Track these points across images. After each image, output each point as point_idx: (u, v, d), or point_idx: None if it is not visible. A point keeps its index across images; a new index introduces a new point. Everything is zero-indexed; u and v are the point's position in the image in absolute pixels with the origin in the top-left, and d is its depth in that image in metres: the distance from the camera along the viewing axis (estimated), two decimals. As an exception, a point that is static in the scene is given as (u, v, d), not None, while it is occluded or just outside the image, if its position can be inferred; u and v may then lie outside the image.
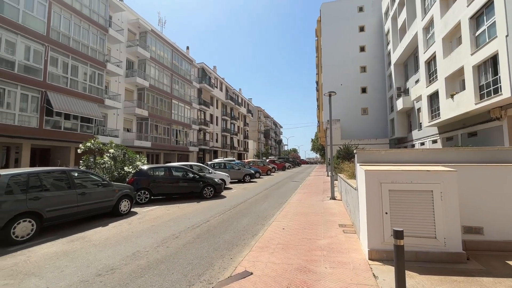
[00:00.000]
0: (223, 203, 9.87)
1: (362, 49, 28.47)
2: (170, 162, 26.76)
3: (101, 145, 11.80)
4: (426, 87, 16.19)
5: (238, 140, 49.88)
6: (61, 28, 15.72)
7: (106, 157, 11.00)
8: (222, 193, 11.96)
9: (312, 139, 77.10)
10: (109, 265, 4.15)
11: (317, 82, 35.87)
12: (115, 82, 20.74)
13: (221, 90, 42.29)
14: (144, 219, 7.37)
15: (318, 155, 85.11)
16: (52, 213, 5.78)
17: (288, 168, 34.88)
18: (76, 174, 6.85)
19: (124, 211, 7.74)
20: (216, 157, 37.82)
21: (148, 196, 9.88)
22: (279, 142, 79.88)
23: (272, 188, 14.43)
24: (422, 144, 18.52)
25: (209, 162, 20.17)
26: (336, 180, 12.54)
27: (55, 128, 15.23)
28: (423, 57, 16.65)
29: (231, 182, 15.82)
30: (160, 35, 26.10)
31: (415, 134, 19.79)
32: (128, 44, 22.10)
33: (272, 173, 26.15)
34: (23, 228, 5.23)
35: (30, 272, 3.95)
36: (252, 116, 60.30)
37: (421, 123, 18.40)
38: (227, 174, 15.11)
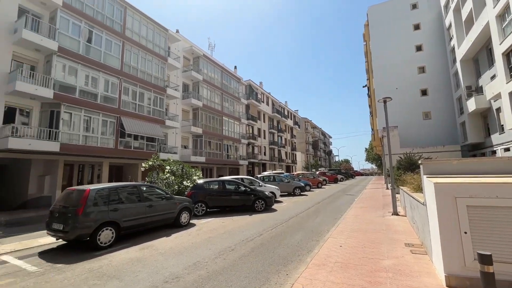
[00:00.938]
0: (274, 216, 9.84)
1: (419, 48, 25.99)
2: (222, 175, 28.05)
3: (161, 162, 13.11)
4: (507, 83, 13.78)
5: (285, 153, 49.66)
6: (131, 62, 18.42)
7: (167, 172, 12.16)
8: (273, 206, 11.94)
9: (366, 148, 71.93)
10: (174, 273, 4.50)
11: (368, 88, 33.85)
12: (174, 104, 23.08)
13: (267, 104, 43.22)
14: (201, 230, 7.82)
15: (374, 166, 78.68)
16: (127, 223, 6.60)
17: (340, 181, 33.04)
18: (144, 188, 7.72)
19: (184, 223, 8.35)
20: (264, 170, 38.22)
21: (205, 208, 10.49)
22: (329, 153, 76.66)
23: (324, 202, 13.83)
24: (507, 150, 15.57)
25: (258, 175, 20.49)
26: (398, 193, 11.38)
27: (127, 148, 17.55)
28: (499, 49, 14.33)
29: (281, 195, 15.71)
30: (211, 58, 28.35)
31: (496, 138, 16.78)
32: (183, 69, 24.56)
33: (323, 186, 25.10)
34: (106, 235, 6.09)
35: (112, 274, 4.54)
36: (299, 127, 59.67)
37: (503, 125, 15.59)
38: (276, 187, 15.08)
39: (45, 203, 14.35)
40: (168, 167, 12.56)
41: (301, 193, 18.11)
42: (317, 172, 32.83)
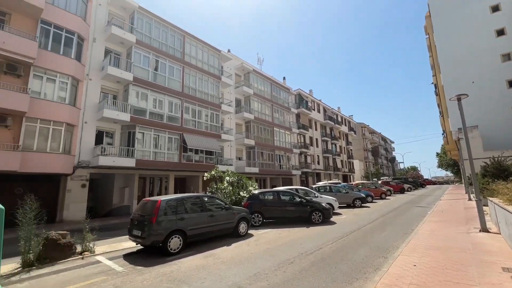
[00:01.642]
0: (334, 229, 9.33)
1: (501, 32, 22.02)
2: (276, 186, 28.09)
3: (220, 173, 13.89)
4: None
5: (341, 161, 47.03)
6: (190, 83, 20.40)
7: (226, 183, 12.79)
8: (331, 219, 11.35)
9: (437, 153, 62.85)
10: (237, 283, 4.63)
11: (435, 85, 29.89)
12: (228, 119, 24.46)
13: (318, 111, 42.11)
14: (259, 241, 7.91)
15: (449, 173, 67.99)
16: (192, 231, 7.13)
17: (408, 191, 29.49)
18: (206, 199, 8.27)
19: (242, 233, 8.59)
20: (318, 180, 36.81)
21: (261, 219, 10.63)
22: (392, 160, 69.59)
23: (390, 215, 12.50)
24: None
25: (313, 186, 19.84)
26: (486, 205, 9.59)
27: (189, 161, 19.19)
28: None
29: (339, 207, 14.84)
30: (260, 72, 29.38)
31: None
32: (235, 85, 25.98)
33: (387, 197, 22.79)
34: (175, 242, 6.69)
35: (181, 279, 4.94)
36: (354, 133, 56.09)
37: None
38: (334, 198, 14.32)
39: (125, 211, 16.63)
40: (227, 178, 13.23)
41: (362, 204, 16.78)
42: (379, 182, 30.03)
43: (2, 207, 4.53)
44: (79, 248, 6.89)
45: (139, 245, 7.12)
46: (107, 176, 16.97)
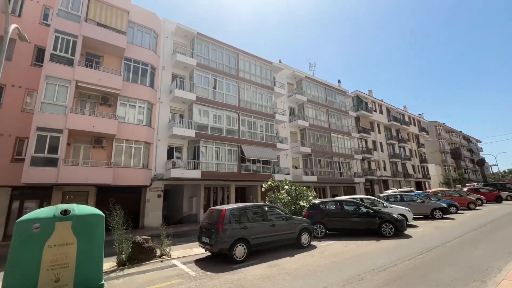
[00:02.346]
0: (409, 244, 8.26)
1: None
2: (337, 195, 26.61)
3: (277, 183, 13.92)
4: None
5: (412, 166, 41.67)
6: (245, 97, 21.38)
7: (284, 193, 12.74)
8: (405, 232, 10.08)
9: (546, 152, 49.82)
10: (303, 296, 4.51)
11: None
12: (282, 128, 24.59)
13: (381, 112, 38.65)
14: (324, 254, 7.56)
15: None
16: (255, 240, 7.30)
17: (507, 199, 24.13)
18: (266, 209, 8.39)
19: (305, 244, 8.36)
20: (386, 188, 33.32)
21: (324, 230, 10.17)
22: (481, 162, 58.28)
23: (484, 229, 10.41)
24: None
25: (380, 194, 18.06)
26: None
27: (247, 171, 19.88)
28: None
29: (413, 218, 13.09)
30: (313, 78, 28.85)
31: None
32: (288, 94, 26.08)
33: (477, 207, 19.08)
34: (239, 251, 6.94)
35: (248, 288, 5.07)
36: (427, 134, 49.27)
37: None
38: (407, 209, 12.72)
39: (194, 219, 18.10)
40: (286, 187, 13.19)
41: (444, 216, 14.44)
42: (464, 189, 25.44)
43: (103, 214, 5.51)
44: (158, 252, 7.78)
45: (207, 251, 7.63)
46: (177, 187, 18.87)
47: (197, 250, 8.32)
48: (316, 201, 11.39)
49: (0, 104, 13.05)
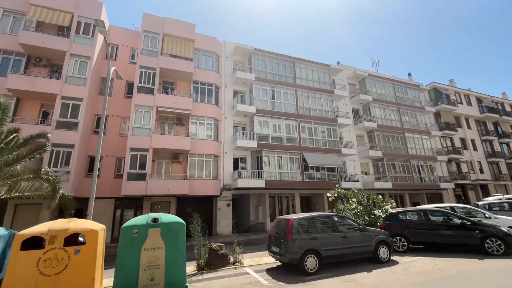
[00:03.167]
0: (530, 266, 6.51)
1: None
2: (419, 203, 23.24)
3: (345, 192, 12.98)
4: None
5: (523, 166, 33.11)
6: (304, 104, 21.13)
7: (354, 202, 11.82)
8: (522, 250, 8.00)
9: None
10: (388, 318, 4.03)
11: None
12: (346, 132, 23.17)
13: (469, 104, 32.47)
14: (409, 271, 6.64)
15: None
16: (326, 252, 6.97)
17: None
18: (336, 219, 7.94)
19: (384, 258, 7.53)
20: (485, 195, 27.30)
21: (406, 244, 8.96)
22: None
23: None
24: None
25: (479, 203, 14.91)
26: None
27: (311, 179, 19.33)
28: None
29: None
30: (377, 75, 26.52)
31: None
32: (351, 95, 24.57)
33: None
34: (310, 262, 6.73)
35: (323, 302, 4.83)
36: (542, 125, 38.66)
37: None
38: (521, 220, 10.12)
39: (261, 228, 18.48)
40: (354, 196, 12.26)
41: None
42: None
43: (184, 222, 6.19)
44: (231, 259, 8.20)
45: (278, 261, 7.64)
46: (244, 196, 19.70)
47: (268, 259, 8.43)
48: (394, 210, 10.18)
49: (105, 131, 16.27)
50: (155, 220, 5.79)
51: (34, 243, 4.92)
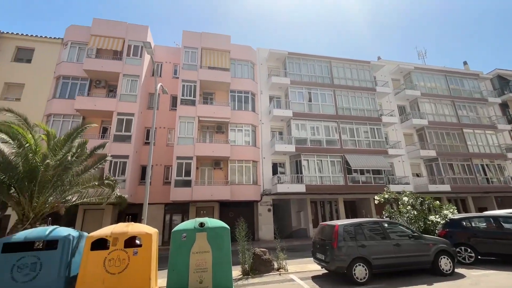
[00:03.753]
0: None
1: None
2: (486, 208, 20.31)
3: (394, 195, 11.96)
4: None
5: None
6: (343, 104, 20.27)
7: (406, 206, 10.84)
8: None
9: None
10: None
11: None
12: (392, 131, 21.51)
13: (545, 91, 27.51)
14: (480, 286, 5.81)
15: None
16: (376, 261, 6.48)
17: None
18: (386, 225, 7.36)
19: (446, 271, 6.72)
20: None
21: (473, 255, 7.87)
22: None
23: None
24: None
25: None
26: None
27: (355, 183, 18.29)
28: None
29: None
30: (425, 67, 24.24)
31: None
32: (395, 92, 22.84)
33: None
34: (359, 271, 6.33)
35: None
36: None
37: None
38: None
39: (303, 234, 18.04)
40: (405, 199, 11.24)
41: None
42: None
43: (228, 227, 6.37)
44: (275, 265, 8.14)
45: (323, 268, 7.35)
46: (284, 201, 19.52)
47: (313, 266, 8.17)
48: (456, 217, 9.06)
49: (154, 142, 17.72)
50: (201, 224, 6.07)
51: (100, 244, 5.55)
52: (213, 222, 6.30)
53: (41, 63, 16.61)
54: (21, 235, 5.60)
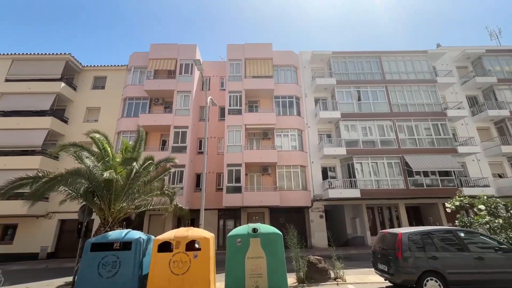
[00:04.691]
0: None
1: None
2: None
3: (469, 200, 10.27)
4: None
5: None
6: (398, 100, 18.54)
7: (484, 217, 9.19)
8: None
9: None
10: None
11: None
12: (461, 126, 18.76)
13: None
14: None
15: None
16: (453, 276, 5.66)
17: None
18: (463, 235, 6.39)
19: (551, 293, 5.48)
20: None
21: None
22: None
23: None
24: None
25: None
26: None
27: (418, 187, 16.38)
28: None
29: None
30: (499, 49, 20.69)
31: None
32: (461, 81, 19.99)
33: None
34: (432, 286, 5.60)
35: None
36: None
37: None
38: None
39: (360, 242, 16.83)
40: (482, 206, 9.59)
41: None
42: None
43: (280, 233, 6.35)
44: (332, 274, 7.77)
45: (387, 281, 6.73)
46: (337, 207, 18.58)
47: (374, 278, 7.55)
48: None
49: (206, 151, 18.88)
50: (254, 230, 6.19)
51: (164, 246, 6.10)
52: (266, 228, 6.37)
53: (112, 88, 19.38)
54: (103, 237, 6.53)
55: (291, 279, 7.74)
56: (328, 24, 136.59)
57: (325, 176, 17.66)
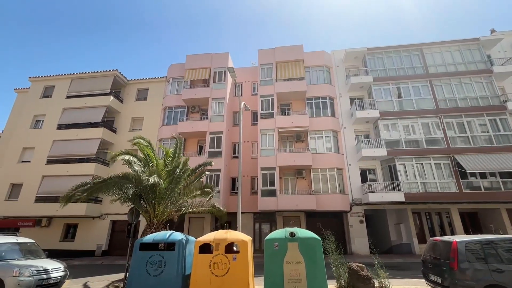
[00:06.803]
0: None
1: None
2: None
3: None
4: None
5: None
6: (445, 95, 16.90)
7: None
8: None
9: None
10: None
11: None
12: (526, 120, 16.37)
13: None
14: None
15: None
16: (524, 292, 4.93)
17: None
18: (535, 246, 5.54)
19: None
20: None
21: None
22: None
23: None
24: None
25: None
26: None
27: (473, 190, 14.66)
28: None
29: None
30: None
31: None
32: (524, 69, 17.51)
33: None
34: (497, 303, 4.95)
35: None
36: None
37: None
38: None
39: (406, 250, 15.57)
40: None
41: None
42: None
43: (319, 238, 6.17)
44: (376, 283, 7.29)
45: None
46: (378, 212, 17.48)
47: (425, 290, 6.92)
48: None
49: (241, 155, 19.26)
50: (292, 234, 6.11)
51: (205, 248, 6.33)
52: (303, 232, 6.25)
53: (153, 99, 20.91)
54: (150, 237, 7.01)
55: (332, 286, 7.46)
56: (357, 22, 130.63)
57: (364, 179, 16.77)
